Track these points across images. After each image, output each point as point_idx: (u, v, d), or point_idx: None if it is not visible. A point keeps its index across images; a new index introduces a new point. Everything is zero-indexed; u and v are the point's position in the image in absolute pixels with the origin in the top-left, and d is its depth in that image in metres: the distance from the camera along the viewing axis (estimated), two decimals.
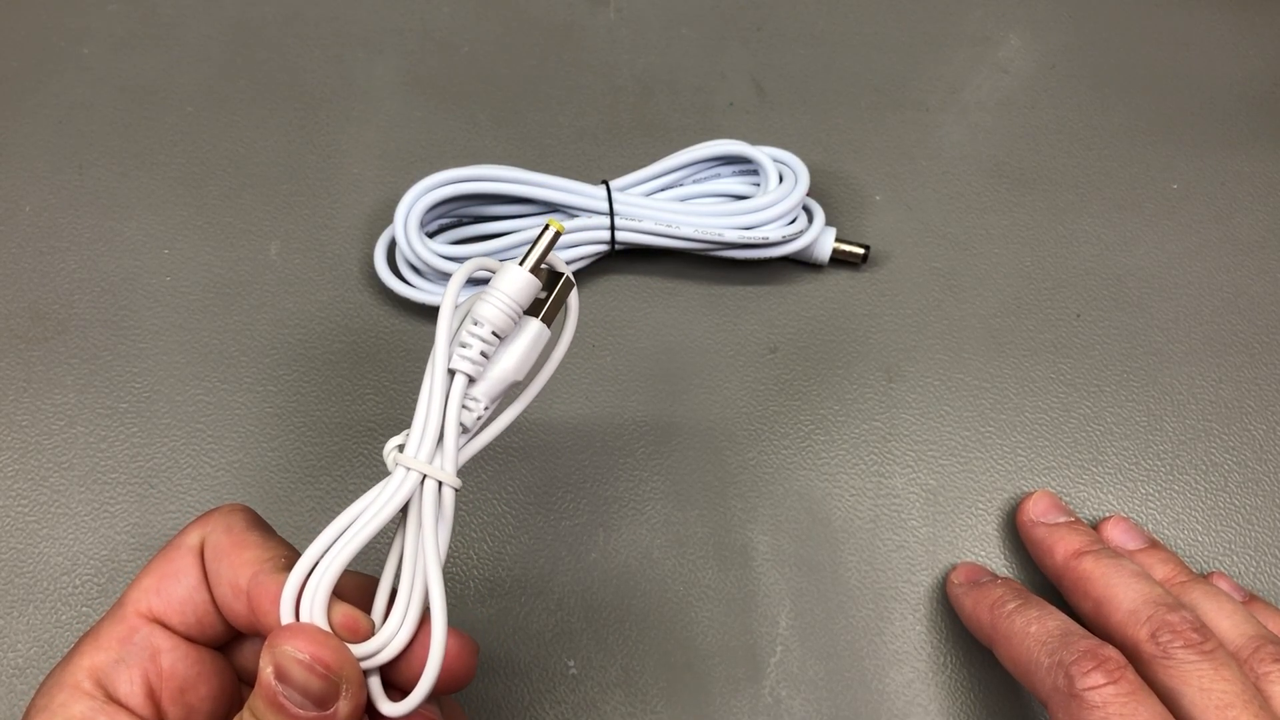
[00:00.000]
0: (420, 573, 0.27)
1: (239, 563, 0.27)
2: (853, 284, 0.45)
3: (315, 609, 0.26)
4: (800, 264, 0.45)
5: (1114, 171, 0.48)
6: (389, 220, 0.42)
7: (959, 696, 0.37)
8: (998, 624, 0.34)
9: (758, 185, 0.43)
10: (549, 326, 0.28)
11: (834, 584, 0.39)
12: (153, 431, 0.41)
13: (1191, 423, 0.42)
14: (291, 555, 0.27)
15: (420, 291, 0.42)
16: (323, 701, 0.25)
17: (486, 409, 0.28)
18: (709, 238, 0.42)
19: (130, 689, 0.26)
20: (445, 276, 0.42)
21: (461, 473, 0.27)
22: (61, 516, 0.39)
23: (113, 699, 0.26)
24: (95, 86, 0.48)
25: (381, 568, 0.28)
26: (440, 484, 0.27)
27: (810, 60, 0.50)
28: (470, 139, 0.48)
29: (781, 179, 0.43)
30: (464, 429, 0.27)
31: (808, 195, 0.43)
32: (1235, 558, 0.40)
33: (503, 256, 0.42)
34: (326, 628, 0.26)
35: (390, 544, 0.28)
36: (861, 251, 0.44)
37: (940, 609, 0.39)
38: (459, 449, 0.27)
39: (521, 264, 0.27)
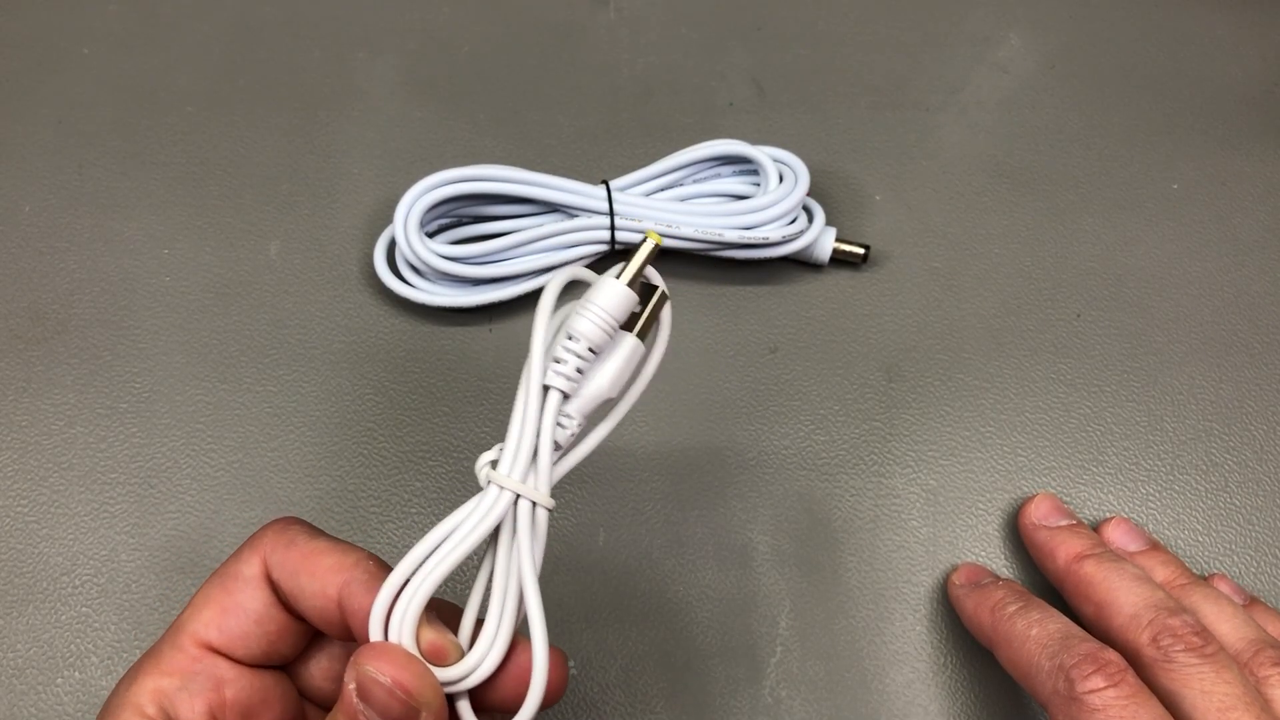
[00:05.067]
0: (513, 594, 0.26)
1: (320, 572, 0.27)
2: (853, 284, 0.45)
3: (405, 631, 0.26)
4: (800, 264, 0.45)
5: (1114, 171, 0.48)
6: (389, 220, 0.42)
7: (959, 697, 0.37)
8: (998, 626, 0.34)
9: (758, 185, 0.43)
10: (643, 341, 0.28)
11: (834, 584, 0.39)
12: (152, 431, 0.41)
13: (1192, 423, 0.42)
14: (372, 561, 0.27)
15: (420, 291, 0.42)
16: None
17: (580, 425, 0.27)
18: (709, 238, 0.42)
19: (192, 716, 0.26)
20: (445, 276, 0.42)
21: (554, 492, 0.27)
22: (61, 516, 0.39)
23: None
24: (95, 86, 0.48)
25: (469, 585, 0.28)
26: (534, 504, 0.26)
27: (810, 60, 0.50)
28: (470, 139, 0.48)
29: (781, 179, 0.43)
30: (557, 447, 0.27)
31: (808, 195, 0.43)
32: (1236, 558, 0.40)
33: (501, 257, 0.42)
34: (413, 649, 0.26)
35: (478, 564, 0.28)
36: (862, 251, 0.44)
37: (941, 610, 0.39)
38: (553, 467, 0.27)
39: (619, 277, 0.27)
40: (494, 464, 0.26)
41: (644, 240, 0.27)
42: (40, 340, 0.42)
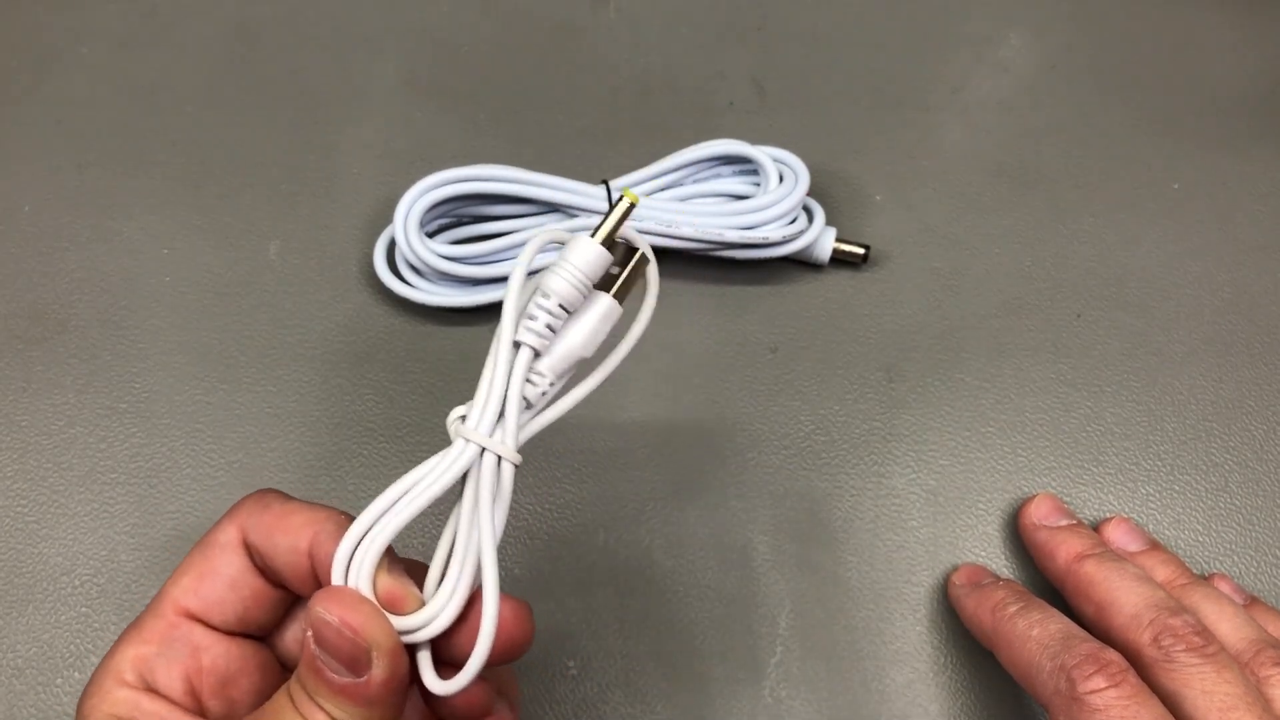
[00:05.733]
0: (474, 548, 0.26)
1: (293, 529, 0.27)
2: (853, 284, 0.45)
3: (362, 575, 0.26)
4: (800, 264, 0.45)
5: (1114, 171, 0.48)
6: (389, 220, 0.42)
7: (959, 697, 0.37)
8: (999, 626, 0.34)
9: (758, 185, 0.43)
10: (620, 303, 0.28)
11: (834, 584, 0.39)
12: (152, 432, 0.41)
13: (1192, 423, 0.42)
14: (344, 516, 0.27)
15: (420, 291, 0.42)
16: (353, 666, 0.25)
17: (552, 385, 0.27)
18: (709, 238, 0.42)
19: (170, 682, 0.27)
20: (445, 276, 0.42)
21: (524, 449, 0.27)
22: (61, 517, 0.39)
23: (152, 689, 0.27)
24: (95, 86, 0.48)
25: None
26: (500, 459, 0.26)
27: (810, 60, 0.50)
28: (470, 139, 0.48)
29: (782, 179, 0.43)
30: (527, 404, 0.27)
31: (808, 195, 0.43)
32: (1236, 558, 0.40)
33: (501, 257, 0.42)
34: (369, 593, 0.26)
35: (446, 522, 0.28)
36: (862, 251, 0.44)
37: (941, 610, 0.39)
38: (521, 424, 0.27)
39: (593, 236, 0.27)
40: (464, 419, 0.26)
41: (619, 199, 0.27)
42: (40, 340, 0.42)
